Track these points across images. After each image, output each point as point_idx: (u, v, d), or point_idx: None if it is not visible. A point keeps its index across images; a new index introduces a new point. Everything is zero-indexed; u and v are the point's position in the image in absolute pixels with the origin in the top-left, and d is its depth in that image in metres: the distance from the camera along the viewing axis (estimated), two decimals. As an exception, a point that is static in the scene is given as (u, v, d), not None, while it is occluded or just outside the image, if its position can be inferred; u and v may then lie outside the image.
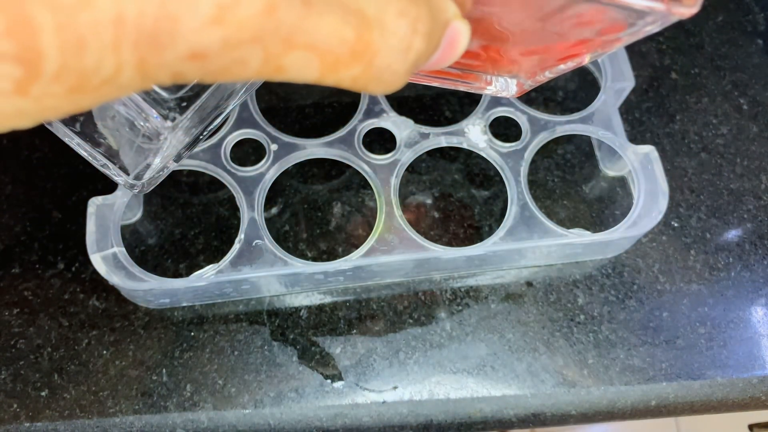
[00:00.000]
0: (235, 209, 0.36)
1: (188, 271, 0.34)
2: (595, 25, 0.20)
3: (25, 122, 0.11)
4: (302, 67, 0.12)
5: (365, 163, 0.35)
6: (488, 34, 0.20)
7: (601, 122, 0.37)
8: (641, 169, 0.36)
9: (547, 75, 0.24)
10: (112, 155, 0.26)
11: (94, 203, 0.32)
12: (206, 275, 0.32)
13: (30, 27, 0.09)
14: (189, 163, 0.34)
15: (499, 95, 0.22)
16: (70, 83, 0.10)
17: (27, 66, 0.10)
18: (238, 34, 0.11)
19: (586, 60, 0.22)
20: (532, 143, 0.36)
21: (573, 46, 0.21)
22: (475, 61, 0.23)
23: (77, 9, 0.09)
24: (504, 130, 0.37)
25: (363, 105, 0.37)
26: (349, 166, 0.36)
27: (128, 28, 0.10)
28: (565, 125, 0.37)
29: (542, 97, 0.41)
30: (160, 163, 0.26)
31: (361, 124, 0.36)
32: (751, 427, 0.69)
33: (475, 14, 0.17)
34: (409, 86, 0.25)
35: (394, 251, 0.33)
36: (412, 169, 0.38)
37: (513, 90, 0.25)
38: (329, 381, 0.33)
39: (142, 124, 0.23)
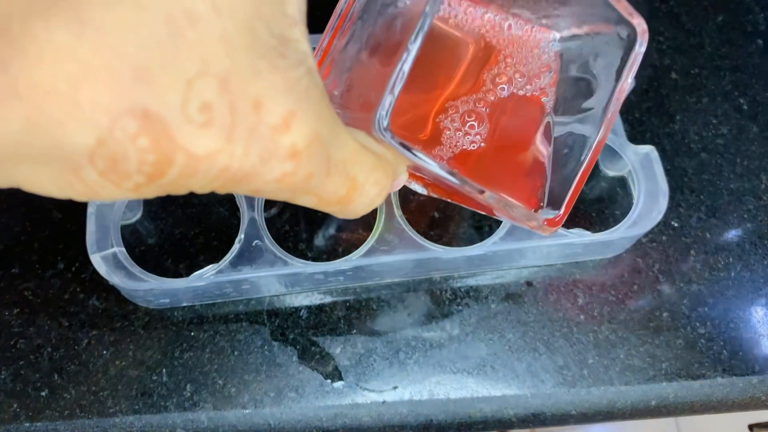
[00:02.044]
0: (235, 209, 0.36)
1: (188, 271, 0.34)
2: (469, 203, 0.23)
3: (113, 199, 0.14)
4: (305, 201, 0.17)
5: (365, 163, 0.35)
6: (444, 192, 0.23)
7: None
8: (641, 169, 0.36)
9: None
10: None
11: (94, 203, 0.32)
12: (206, 275, 0.32)
13: (170, 159, 0.13)
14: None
15: (541, 232, 0.24)
16: (169, 189, 0.14)
17: (151, 177, 0.13)
18: (285, 187, 0.15)
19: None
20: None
21: (480, 207, 0.24)
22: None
23: (200, 161, 0.13)
24: (504, 130, 0.37)
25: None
26: (349, 166, 0.36)
27: (227, 174, 0.14)
28: (565, 126, 0.37)
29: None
30: None
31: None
32: (751, 427, 0.69)
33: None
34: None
35: (394, 251, 0.33)
36: (412, 169, 0.38)
37: (546, 230, 0.25)
38: (329, 381, 0.33)
39: None
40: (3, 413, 0.31)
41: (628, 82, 0.23)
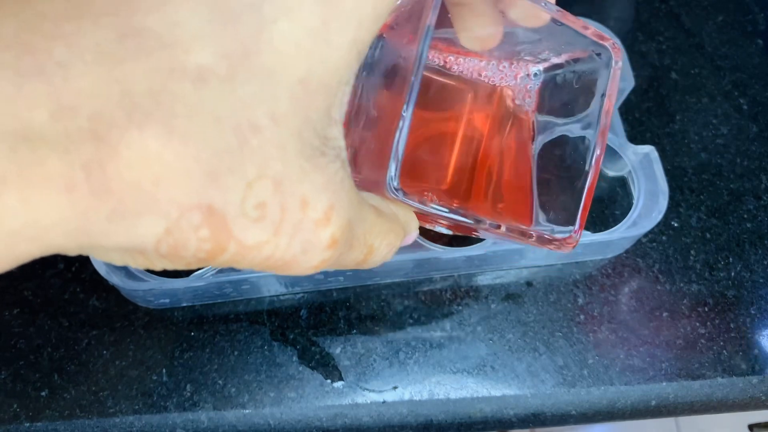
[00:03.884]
0: (235, 209, 0.36)
1: (188, 271, 0.34)
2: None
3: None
4: None
5: (365, 163, 0.35)
6: (466, 230, 0.24)
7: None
8: (641, 169, 0.36)
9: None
10: None
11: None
12: (206, 275, 0.32)
13: (223, 247, 0.14)
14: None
15: (560, 250, 0.25)
16: (217, 264, 0.15)
17: (203, 261, 0.15)
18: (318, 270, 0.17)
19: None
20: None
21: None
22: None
23: (249, 251, 0.15)
24: (504, 130, 0.37)
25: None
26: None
27: (269, 262, 0.15)
28: (564, 126, 0.37)
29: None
30: None
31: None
32: (751, 427, 0.69)
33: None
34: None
35: (394, 251, 0.33)
36: (412, 169, 0.38)
37: (566, 248, 0.25)
38: (329, 381, 0.33)
39: None
40: (3, 413, 0.31)
41: (612, 97, 0.24)
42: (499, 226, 0.22)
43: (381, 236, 0.19)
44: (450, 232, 0.27)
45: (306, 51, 0.14)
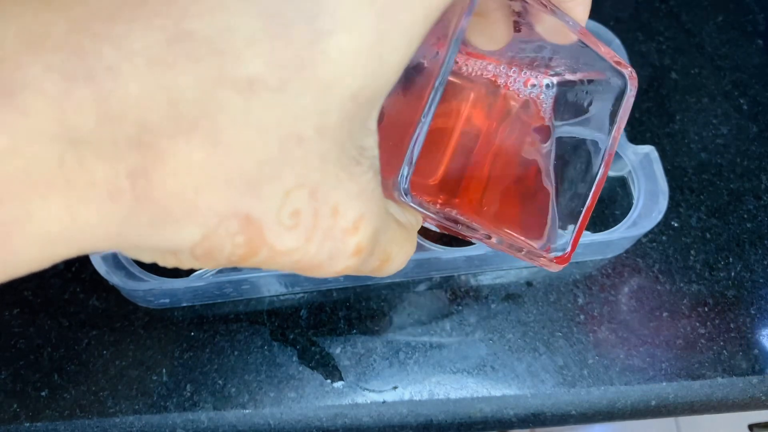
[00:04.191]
0: (235, 209, 0.36)
1: (188, 271, 0.34)
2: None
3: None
4: None
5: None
6: (454, 231, 0.25)
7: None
8: (641, 169, 0.36)
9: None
10: None
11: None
12: (206, 275, 0.32)
13: (256, 252, 0.15)
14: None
15: (549, 268, 0.25)
16: (246, 265, 0.15)
17: (233, 263, 0.15)
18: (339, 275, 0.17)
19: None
20: (532, 143, 0.36)
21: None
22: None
23: (280, 256, 0.15)
24: (504, 130, 0.37)
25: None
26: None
27: (297, 266, 0.16)
28: (561, 127, 0.37)
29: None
30: None
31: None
32: (751, 427, 0.69)
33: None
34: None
35: (394, 251, 0.33)
36: (412, 169, 0.38)
37: (553, 265, 0.25)
38: (329, 381, 0.33)
39: None
40: (3, 413, 0.31)
41: (622, 125, 0.25)
42: (489, 237, 0.23)
43: (399, 245, 0.20)
44: (437, 230, 0.27)
45: (361, 66, 0.14)
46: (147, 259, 0.15)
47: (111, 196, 0.12)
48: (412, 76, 0.20)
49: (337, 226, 0.15)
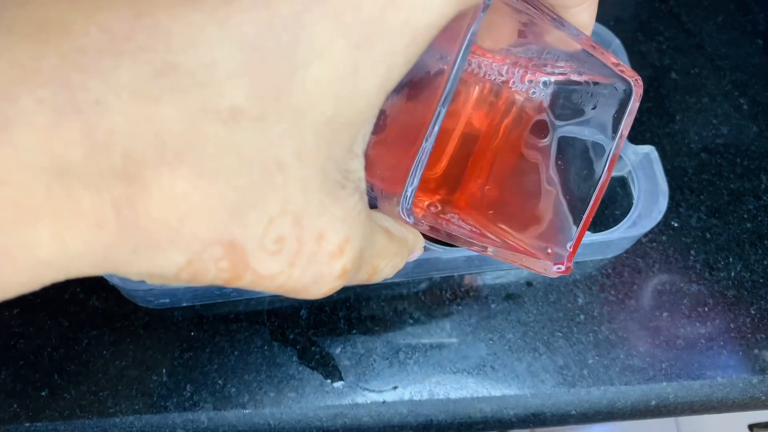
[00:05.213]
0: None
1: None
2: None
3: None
4: None
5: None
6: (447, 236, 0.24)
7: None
8: (641, 169, 0.36)
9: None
10: None
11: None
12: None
13: (240, 276, 0.15)
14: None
15: (548, 274, 0.25)
16: (230, 287, 0.16)
17: (217, 286, 0.15)
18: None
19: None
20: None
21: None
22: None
23: (264, 280, 0.15)
24: (504, 130, 0.37)
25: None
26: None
27: (281, 289, 0.16)
28: (564, 127, 0.37)
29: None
30: None
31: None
32: (751, 427, 0.69)
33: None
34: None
35: (394, 251, 0.33)
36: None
37: (551, 270, 0.25)
38: (329, 381, 0.33)
39: None
40: (3, 413, 0.31)
41: (626, 131, 0.25)
42: (485, 248, 0.23)
43: (387, 259, 0.20)
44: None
45: (334, 93, 0.14)
46: (135, 278, 0.15)
47: (97, 225, 0.13)
48: (417, 84, 0.19)
49: (321, 251, 0.16)
